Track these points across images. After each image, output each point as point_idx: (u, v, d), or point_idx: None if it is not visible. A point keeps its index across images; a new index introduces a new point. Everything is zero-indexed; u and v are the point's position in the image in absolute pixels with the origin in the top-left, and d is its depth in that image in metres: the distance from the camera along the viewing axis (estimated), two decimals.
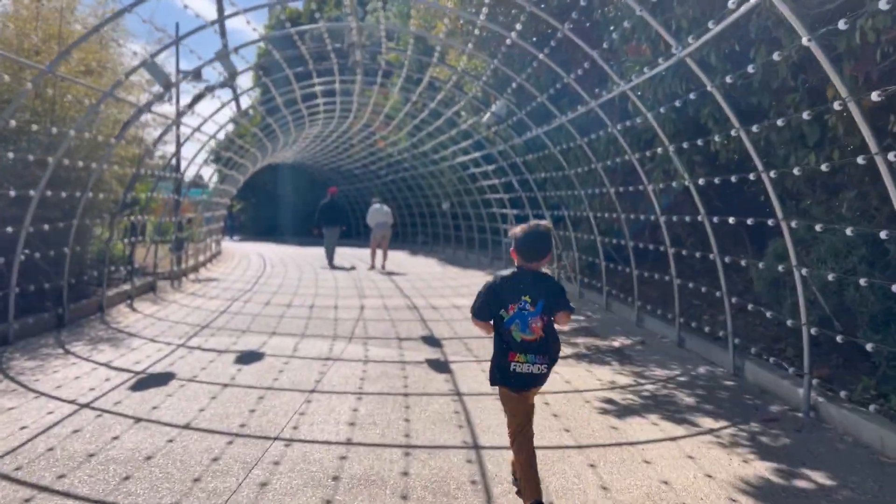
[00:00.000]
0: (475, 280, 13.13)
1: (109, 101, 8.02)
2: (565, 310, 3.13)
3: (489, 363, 3.28)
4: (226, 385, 5.29)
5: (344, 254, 20.28)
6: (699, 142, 5.94)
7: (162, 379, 5.45)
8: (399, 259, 18.83)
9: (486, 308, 3.20)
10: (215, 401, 4.84)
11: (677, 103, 6.04)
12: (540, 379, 3.13)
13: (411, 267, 16.21)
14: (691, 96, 5.67)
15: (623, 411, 4.79)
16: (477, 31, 9.73)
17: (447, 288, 11.93)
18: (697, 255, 6.86)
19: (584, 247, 11.32)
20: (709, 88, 5.29)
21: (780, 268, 5.17)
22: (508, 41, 8.49)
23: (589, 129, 8.88)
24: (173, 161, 15.50)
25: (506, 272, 3.24)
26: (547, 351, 3.11)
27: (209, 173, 21.06)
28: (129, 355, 6.31)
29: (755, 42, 5.50)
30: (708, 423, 4.55)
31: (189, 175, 21.66)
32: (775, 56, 4.43)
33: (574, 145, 9.64)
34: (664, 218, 7.27)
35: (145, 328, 7.71)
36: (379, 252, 15.47)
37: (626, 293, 9.38)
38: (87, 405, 4.67)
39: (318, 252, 21.45)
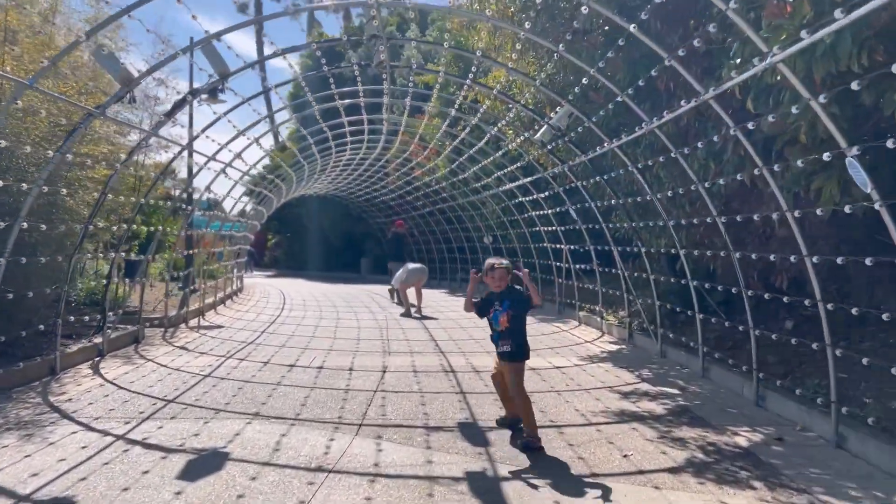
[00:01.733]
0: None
1: (53, 105, 6.25)
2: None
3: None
4: None
5: (377, 292, 18.35)
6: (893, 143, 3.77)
7: None
8: (436, 299, 16.76)
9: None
10: None
11: (855, 85, 3.89)
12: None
13: (449, 309, 14.11)
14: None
15: None
16: (528, 24, 7.79)
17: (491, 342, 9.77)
18: (855, 311, 4.65)
19: (666, 291, 9.08)
20: None
21: None
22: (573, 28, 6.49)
23: (682, 140, 6.77)
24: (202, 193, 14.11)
25: None
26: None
27: (231, 206, 19.70)
28: (36, 457, 4.35)
29: None
30: None
31: (232, 210, 20.40)
32: None
33: (657, 163, 7.53)
34: (815, 259, 5.03)
35: (91, 403, 5.78)
36: (412, 296, 13.44)
37: (722, 352, 7.13)
38: None
39: (348, 291, 19.55)
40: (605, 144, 7.66)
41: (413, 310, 13.25)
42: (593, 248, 10.91)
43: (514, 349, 4.99)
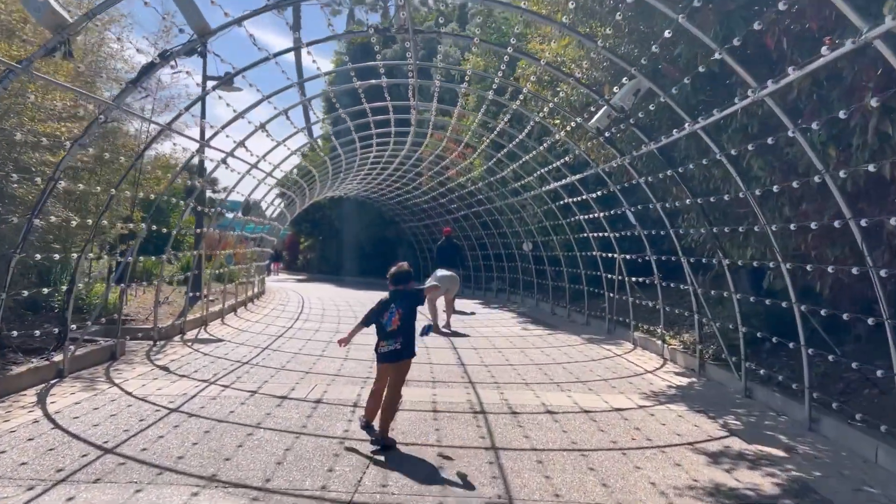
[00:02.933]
0: (572, 353, 9.33)
1: None
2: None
3: None
4: None
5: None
6: None
7: None
8: (469, 310, 15.20)
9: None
10: None
11: None
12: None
13: (482, 324, 12.53)
14: None
15: None
16: None
17: (533, 367, 8.18)
18: None
19: (748, 314, 7.35)
20: None
21: None
22: None
23: (791, 120, 5.09)
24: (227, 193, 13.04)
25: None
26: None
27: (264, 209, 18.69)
28: None
29: None
30: None
31: (268, 210, 19.34)
32: None
33: (749, 150, 5.85)
34: None
35: (2, 453, 4.39)
36: (441, 305, 11.91)
37: (832, 395, 5.43)
38: None
39: (374, 299, 18.07)
40: (686, 126, 6.00)
41: (441, 324, 11.72)
42: (654, 259, 9.22)
43: (402, 347, 4.83)
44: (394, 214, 28.04)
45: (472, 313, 15.51)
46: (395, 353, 4.80)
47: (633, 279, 10.15)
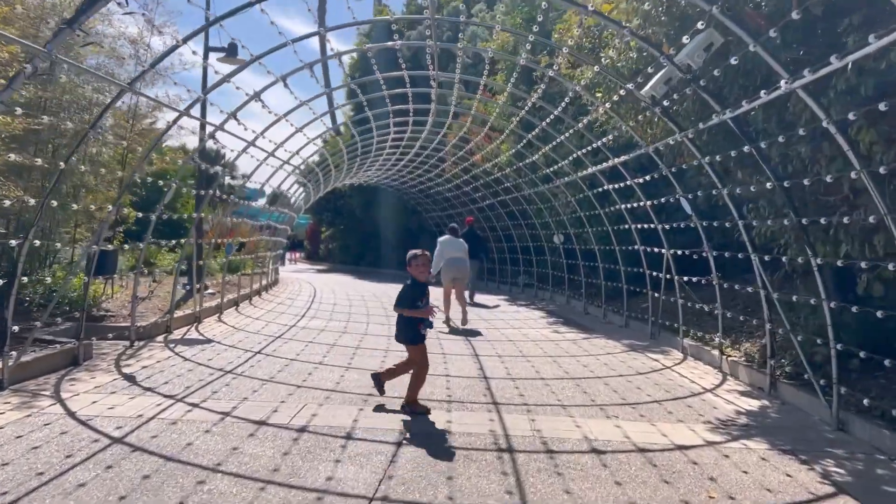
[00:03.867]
0: (614, 364, 8.00)
1: None
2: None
3: None
4: None
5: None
6: None
7: None
8: (491, 309, 13.93)
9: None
10: None
11: None
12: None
13: (506, 324, 11.24)
14: None
15: None
16: None
17: (569, 382, 6.88)
18: None
19: (833, 325, 5.95)
20: None
21: None
22: None
23: None
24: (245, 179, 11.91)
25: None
26: None
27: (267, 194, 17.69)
28: None
29: None
30: None
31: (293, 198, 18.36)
32: None
33: (855, 119, 4.47)
34: None
35: None
36: (455, 302, 10.67)
37: None
38: None
39: (392, 293, 16.78)
40: (783, 85, 4.61)
41: (454, 320, 10.50)
42: (712, 255, 7.84)
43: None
44: (416, 204, 26.82)
45: (497, 306, 14.38)
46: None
47: (684, 278, 8.79)
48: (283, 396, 5.72)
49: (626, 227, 10.43)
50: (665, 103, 6.72)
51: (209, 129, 9.54)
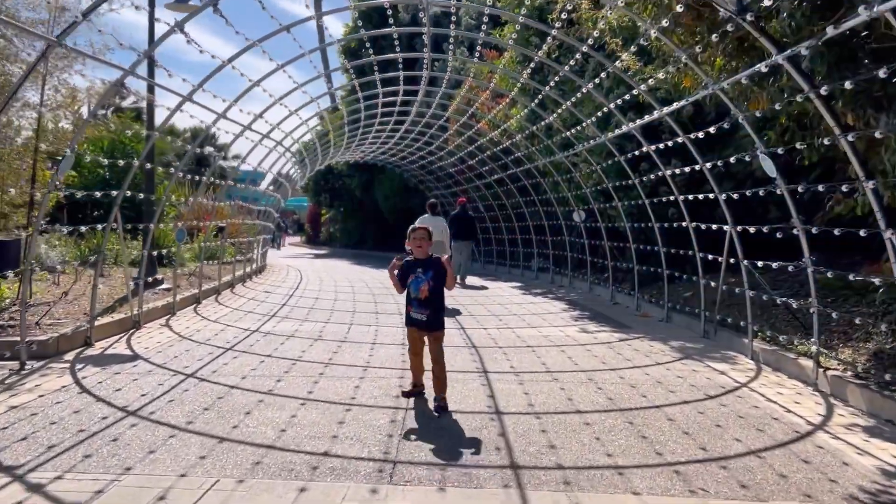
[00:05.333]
0: (669, 380, 5.96)
1: None
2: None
3: None
4: None
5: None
6: None
7: None
8: (503, 297, 11.92)
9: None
10: None
11: None
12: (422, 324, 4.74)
13: (519, 320, 9.23)
14: None
15: None
16: None
17: (619, 418, 4.87)
18: None
19: None
20: None
21: None
22: None
23: None
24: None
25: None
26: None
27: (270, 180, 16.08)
28: None
29: None
30: None
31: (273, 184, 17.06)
32: None
33: None
34: None
35: None
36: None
37: None
38: None
39: (386, 281, 14.71)
40: None
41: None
42: (803, 231, 5.77)
43: (431, 319, 4.77)
44: (418, 182, 24.77)
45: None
46: (426, 323, 4.77)
47: (752, 263, 6.74)
48: (188, 464, 3.74)
49: (666, 199, 8.36)
50: (749, 17, 4.62)
51: (176, 101, 7.70)
